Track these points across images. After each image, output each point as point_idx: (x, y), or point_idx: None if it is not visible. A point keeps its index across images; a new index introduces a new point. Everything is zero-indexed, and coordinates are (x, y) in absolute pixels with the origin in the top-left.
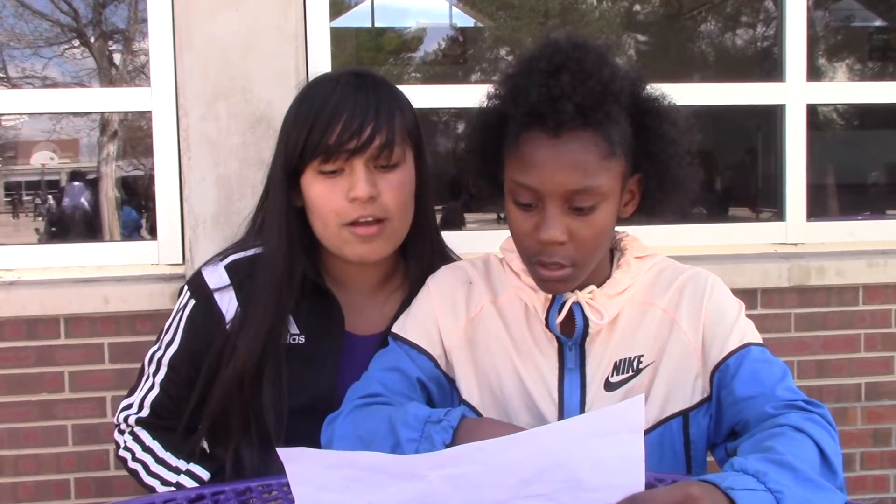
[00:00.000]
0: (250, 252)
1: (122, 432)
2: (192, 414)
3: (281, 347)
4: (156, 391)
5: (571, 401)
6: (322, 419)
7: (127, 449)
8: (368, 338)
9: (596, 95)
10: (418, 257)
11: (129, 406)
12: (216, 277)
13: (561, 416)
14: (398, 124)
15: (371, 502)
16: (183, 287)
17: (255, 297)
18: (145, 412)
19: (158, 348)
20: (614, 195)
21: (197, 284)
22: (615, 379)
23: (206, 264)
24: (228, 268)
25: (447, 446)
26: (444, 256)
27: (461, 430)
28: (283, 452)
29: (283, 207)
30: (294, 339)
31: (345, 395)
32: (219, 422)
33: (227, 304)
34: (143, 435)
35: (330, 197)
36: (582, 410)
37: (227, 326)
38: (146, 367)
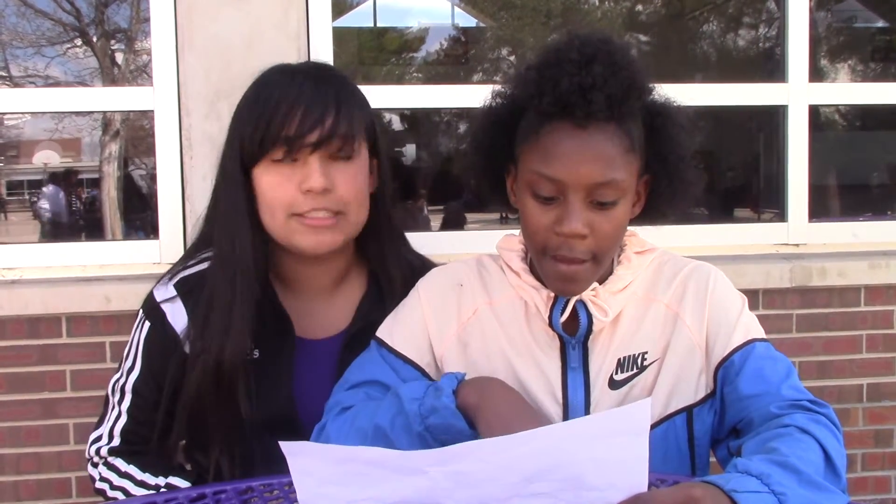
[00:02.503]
0: (201, 266)
1: (94, 465)
2: (162, 432)
3: (239, 364)
4: (123, 419)
5: (576, 400)
6: (284, 430)
7: (103, 479)
8: (324, 341)
9: (625, 88)
10: (377, 257)
11: (99, 438)
12: (167, 294)
13: (566, 416)
14: (357, 118)
15: (372, 496)
16: (139, 311)
17: (216, 304)
18: (116, 441)
19: (120, 376)
20: (631, 192)
21: (150, 307)
22: (619, 377)
23: (156, 285)
24: (177, 285)
25: (455, 392)
26: (411, 250)
27: (463, 383)
28: (285, 446)
29: (241, 203)
30: (252, 354)
31: (304, 403)
32: (190, 436)
33: (178, 318)
34: (118, 462)
35: (282, 187)
36: (587, 409)
37: (181, 340)
38: (110, 397)
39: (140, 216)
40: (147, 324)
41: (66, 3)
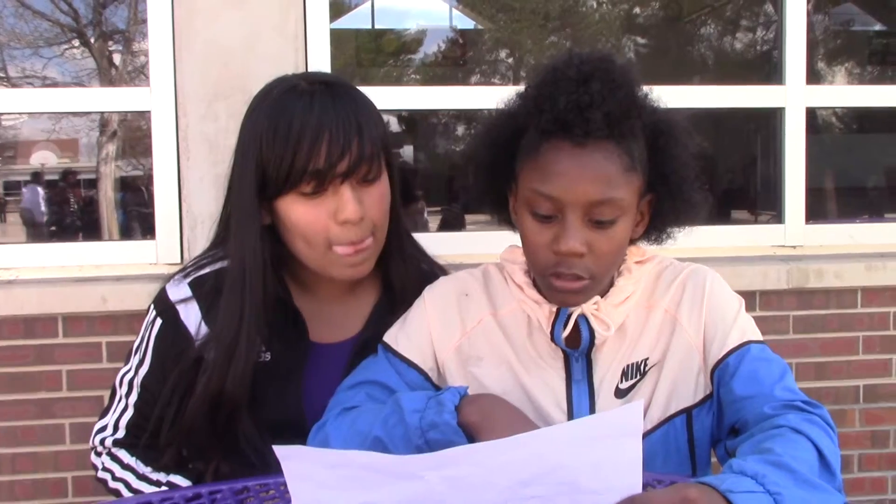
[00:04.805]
0: (216, 266)
1: (98, 454)
2: (168, 429)
3: (240, 396)
4: (130, 412)
5: (581, 410)
6: (291, 433)
7: (106, 470)
8: (335, 346)
9: (624, 107)
10: (393, 262)
11: (104, 428)
12: (181, 293)
13: None
14: (376, 135)
15: (368, 501)
16: (149, 306)
17: (231, 327)
18: (121, 433)
19: (129, 370)
20: (632, 211)
21: (163, 304)
22: (624, 385)
23: (169, 282)
24: (192, 284)
25: (456, 408)
26: (425, 257)
27: (465, 400)
28: (279, 450)
29: (255, 230)
30: (260, 357)
31: (312, 407)
32: (191, 439)
33: (192, 318)
34: (122, 454)
35: (314, 218)
36: None
37: (196, 344)
38: (118, 389)
39: (137, 217)
40: (159, 321)
41: (64, 4)
